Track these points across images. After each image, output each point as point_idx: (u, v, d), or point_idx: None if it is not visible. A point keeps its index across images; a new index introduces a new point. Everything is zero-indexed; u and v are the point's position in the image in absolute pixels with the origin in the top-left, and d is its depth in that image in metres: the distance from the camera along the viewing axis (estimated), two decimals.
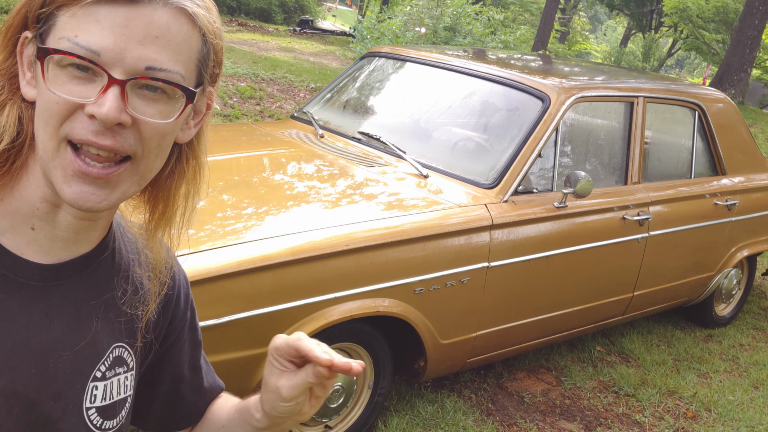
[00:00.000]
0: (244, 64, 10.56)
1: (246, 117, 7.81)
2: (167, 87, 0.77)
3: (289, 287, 2.37)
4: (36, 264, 0.82)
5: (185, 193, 0.88)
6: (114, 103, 0.73)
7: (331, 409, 2.73)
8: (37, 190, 0.81)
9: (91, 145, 0.75)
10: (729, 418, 3.55)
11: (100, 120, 0.73)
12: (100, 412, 0.89)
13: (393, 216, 2.75)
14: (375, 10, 16.27)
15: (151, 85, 0.76)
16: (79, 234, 0.84)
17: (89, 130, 0.74)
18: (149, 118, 0.76)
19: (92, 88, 0.74)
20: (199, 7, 0.79)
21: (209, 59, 0.82)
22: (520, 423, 3.23)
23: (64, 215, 0.82)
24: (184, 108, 0.79)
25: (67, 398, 0.85)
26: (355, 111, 3.95)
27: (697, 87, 4.40)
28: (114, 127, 0.75)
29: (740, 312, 4.87)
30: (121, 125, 0.75)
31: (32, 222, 0.82)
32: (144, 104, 0.76)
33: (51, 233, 0.82)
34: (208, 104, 0.87)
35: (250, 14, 23.77)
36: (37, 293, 0.82)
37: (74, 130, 0.75)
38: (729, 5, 21.85)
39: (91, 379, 0.88)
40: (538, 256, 3.09)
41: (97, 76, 0.74)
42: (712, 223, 4.07)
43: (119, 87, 0.74)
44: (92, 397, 0.88)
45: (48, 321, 0.83)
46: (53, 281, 0.83)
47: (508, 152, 3.13)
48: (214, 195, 2.74)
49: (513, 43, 11.28)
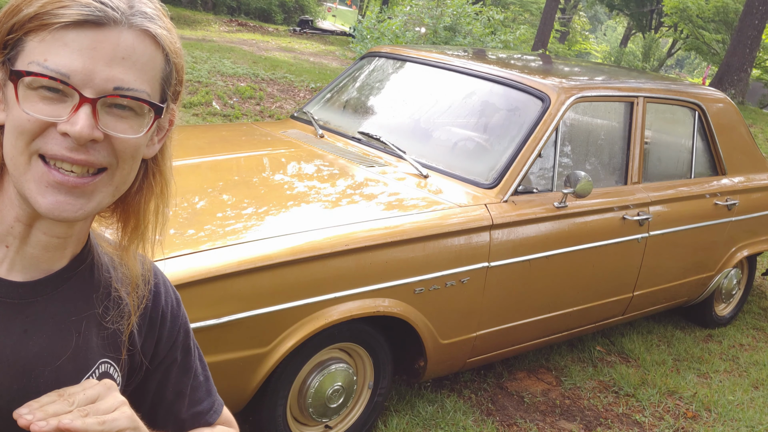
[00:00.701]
0: (244, 64, 10.56)
1: (246, 117, 7.81)
2: (135, 104, 0.80)
3: (289, 287, 2.37)
4: (11, 282, 0.84)
5: (155, 208, 0.91)
6: (86, 121, 0.76)
7: (331, 409, 2.73)
8: (11, 211, 0.83)
9: (65, 161, 0.78)
10: (729, 418, 3.55)
11: (74, 137, 0.76)
12: None
13: (393, 216, 2.75)
14: (375, 10, 16.27)
15: (119, 103, 0.79)
16: (49, 251, 0.86)
17: (63, 147, 0.77)
18: (120, 134, 0.80)
19: (63, 108, 0.77)
20: (161, 29, 0.82)
21: (172, 77, 0.86)
22: (520, 423, 3.23)
23: (36, 233, 0.84)
24: (153, 122, 0.83)
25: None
26: (355, 111, 3.95)
27: (697, 87, 4.40)
28: (87, 144, 0.78)
29: (740, 312, 4.87)
30: (94, 141, 0.78)
31: (7, 241, 0.84)
32: (114, 121, 0.80)
33: (23, 250, 0.85)
34: (170, 120, 0.91)
35: (250, 14, 23.76)
36: (14, 310, 0.84)
37: (47, 146, 0.78)
38: (729, 5, 21.84)
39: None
40: (538, 256, 3.09)
41: (67, 97, 0.77)
42: (712, 223, 4.07)
43: (90, 105, 0.77)
44: None
45: (27, 338, 0.84)
46: (30, 298, 0.85)
47: (508, 152, 3.13)
48: (214, 195, 2.74)
49: (513, 43, 11.27)
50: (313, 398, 2.65)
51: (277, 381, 2.52)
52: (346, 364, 2.73)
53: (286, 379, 2.56)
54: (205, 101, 8.02)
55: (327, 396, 2.68)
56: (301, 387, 2.65)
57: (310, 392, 2.64)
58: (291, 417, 2.68)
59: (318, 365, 2.66)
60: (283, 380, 2.55)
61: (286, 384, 2.57)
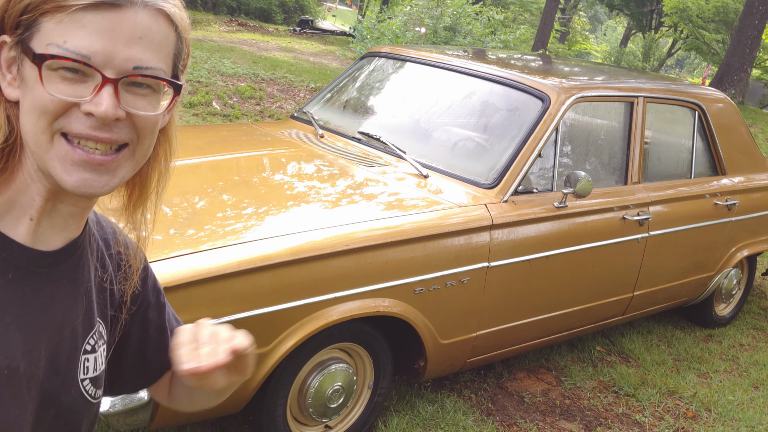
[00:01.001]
0: (244, 64, 10.56)
1: (246, 117, 7.81)
2: (152, 82, 0.83)
3: (289, 287, 2.37)
4: (40, 251, 0.87)
5: (158, 174, 0.95)
6: (110, 101, 0.79)
7: (331, 409, 2.73)
8: (32, 185, 0.85)
9: (90, 139, 0.80)
10: (729, 418, 3.55)
11: (99, 117, 0.79)
12: (92, 382, 0.95)
13: (393, 216, 2.75)
14: (375, 10, 16.27)
15: (137, 81, 0.82)
16: (69, 221, 0.90)
17: (87, 126, 0.80)
18: (141, 111, 0.83)
19: (84, 88, 0.79)
20: (173, 6, 0.85)
21: (183, 53, 0.88)
22: (520, 423, 3.23)
23: (61, 206, 0.87)
24: (173, 99, 0.87)
25: (64, 372, 0.91)
26: (355, 111, 3.95)
27: (697, 87, 4.40)
28: (110, 122, 0.80)
29: (740, 312, 4.87)
30: (117, 120, 0.81)
31: (30, 213, 0.86)
32: (134, 99, 0.82)
33: (47, 223, 0.88)
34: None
35: (250, 14, 23.77)
36: (43, 279, 0.87)
37: (71, 125, 0.80)
38: (729, 5, 21.85)
39: (82, 352, 0.94)
40: (538, 256, 3.09)
41: (88, 77, 0.79)
42: (712, 223, 4.07)
43: (112, 85, 0.79)
44: (85, 369, 0.94)
45: (53, 304, 0.89)
46: (55, 265, 0.89)
47: (508, 152, 3.13)
48: (214, 195, 2.74)
49: (513, 43, 11.27)
50: (313, 398, 2.65)
51: (277, 381, 2.52)
52: (346, 364, 2.73)
53: (286, 379, 2.56)
54: (205, 101, 8.02)
55: (327, 396, 2.68)
56: (301, 387, 2.65)
57: (310, 392, 2.64)
58: (291, 417, 2.68)
59: (318, 365, 2.66)
60: (283, 380, 2.55)
61: (286, 384, 2.57)
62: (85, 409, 0.95)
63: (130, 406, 2.16)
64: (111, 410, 2.14)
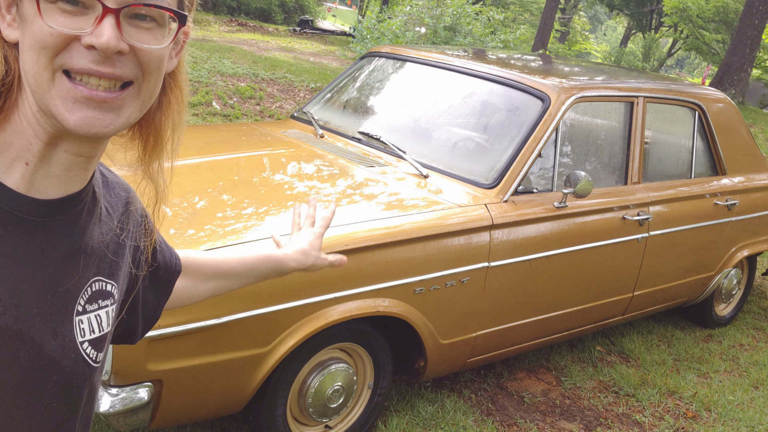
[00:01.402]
0: (244, 64, 10.56)
1: (246, 117, 7.81)
2: (156, 13, 0.78)
3: (289, 287, 2.37)
4: (32, 199, 0.82)
5: (172, 123, 0.91)
6: (112, 32, 0.75)
7: (331, 409, 2.72)
8: (29, 128, 0.81)
9: (93, 74, 0.76)
10: (729, 418, 3.55)
11: (100, 49, 0.75)
12: (92, 344, 0.91)
13: (393, 216, 2.75)
14: (375, 10, 16.27)
15: (141, 13, 0.78)
16: (71, 171, 0.85)
17: (89, 60, 0.76)
18: (145, 45, 0.78)
19: (85, 20, 0.75)
20: None
21: None
22: (520, 423, 3.23)
23: (59, 152, 0.82)
24: (177, 31, 0.82)
25: (62, 334, 0.86)
26: (355, 111, 3.95)
27: (697, 87, 4.40)
28: (113, 56, 0.76)
29: (740, 312, 4.87)
30: (120, 53, 0.76)
31: (26, 157, 0.82)
32: (137, 32, 0.78)
33: (45, 170, 0.83)
34: (185, 32, 0.89)
35: (250, 14, 23.77)
36: (34, 228, 0.82)
37: (72, 60, 0.76)
38: (729, 5, 21.84)
39: (75, 313, 0.89)
40: (538, 256, 3.09)
41: (88, 9, 0.75)
42: (712, 223, 4.07)
43: (114, 16, 0.75)
44: (81, 331, 0.89)
45: (44, 257, 0.83)
46: (49, 216, 0.84)
47: (508, 152, 3.13)
48: (214, 195, 2.74)
49: (513, 43, 11.27)
50: (313, 398, 2.65)
51: (277, 381, 2.52)
52: (346, 364, 2.73)
53: (286, 379, 2.56)
54: (205, 101, 8.02)
55: (327, 396, 2.68)
56: (301, 387, 2.65)
57: (310, 392, 2.64)
58: (291, 417, 2.68)
59: (318, 365, 2.66)
60: (283, 380, 2.55)
61: (286, 384, 2.57)
62: (87, 375, 0.91)
63: (130, 406, 2.16)
64: (111, 410, 2.13)
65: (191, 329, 2.18)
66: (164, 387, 2.22)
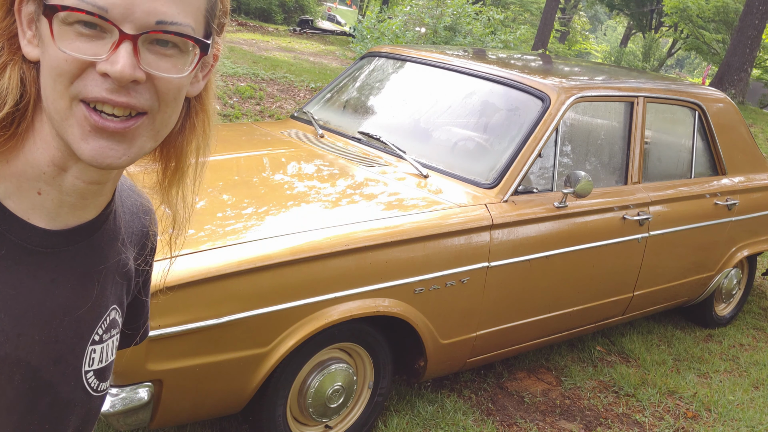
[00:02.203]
0: (244, 64, 10.56)
1: (246, 117, 7.81)
2: (179, 40, 0.74)
3: (289, 287, 2.37)
4: (44, 230, 0.79)
5: (196, 148, 0.87)
6: (127, 60, 0.71)
7: (331, 409, 2.73)
8: (45, 153, 0.78)
9: (107, 102, 0.72)
10: (729, 418, 3.55)
11: (114, 78, 0.71)
12: (97, 374, 0.89)
13: (393, 216, 2.75)
14: (375, 10, 16.28)
15: (162, 39, 0.73)
16: (86, 199, 0.82)
17: (103, 88, 0.72)
18: (163, 73, 0.74)
19: (101, 45, 0.71)
20: None
21: (216, 8, 0.80)
22: (520, 423, 3.23)
23: (72, 179, 0.79)
24: (198, 60, 0.78)
25: (66, 362, 0.84)
26: (355, 111, 3.95)
27: (697, 87, 4.40)
28: (129, 84, 0.73)
29: (740, 312, 4.87)
30: (136, 82, 0.73)
31: (39, 186, 0.79)
32: (156, 59, 0.74)
33: (58, 198, 0.80)
34: (215, 55, 0.85)
35: (250, 14, 23.78)
36: (45, 259, 0.80)
37: (87, 89, 0.72)
38: (729, 5, 21.84)
39: (90, 342, 0.87)
40: (538, 256, 3.09)
41: (106, 33, 0.71)
42: (712, 223, 4.06)
43: (131, 43, 0.71)
44: (90, 361, 0.87)
45: (54, 287, 0.81)
46: (61, 247, 0.81)
47: (508, 152, 3.13)
48: (214, 195, 2.74)
49: (513, 43, 11.27)
50: (313, 398, 2.65)
51: (277, 381, 2.52)
52: (346, 364, 2.73)
53: (286, 379, 2.56)
54: None
55: (327, 396, 2.68)
56: (301, 387, 2.65)
57: (310, 392, 2.64)
58: (291, 417, 2.68)
59: (318, 365, 2.66)
60: (283, 380, 2.55)
61: (286, 384, 2.57)
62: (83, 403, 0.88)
63: (130, 406, 2.17)
64: (111, 410, 2.14)
65: (191, 329, 2.18)
66: (164, 387, 2.22)
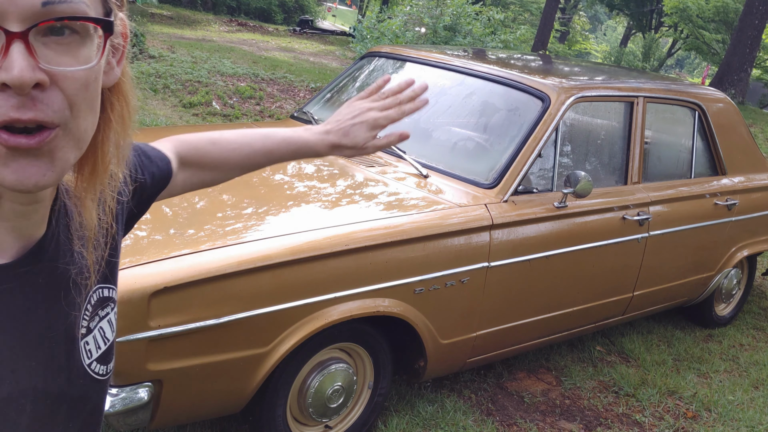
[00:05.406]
0: (244, 64, 10.56)
1: (246, 117, 7.81)
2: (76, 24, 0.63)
3: (289, 287, 2.37)
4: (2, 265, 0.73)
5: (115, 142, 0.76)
6: (23, 62, 0.60)
7: (331, 409, 2.73)
8: None
9: (15, 122, 0.62)
10: (729, 418, 3.55)
11: (14, 86, 0.60)
12: (100, 360, 0.87)
13: (393, 216, 2.75)
14: (375, 10, 16.28)
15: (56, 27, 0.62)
16: (29, 218, 0.74)
17: (8, 106, 0.61)
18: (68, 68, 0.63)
19: None
20: None
21: None
22: (520, 423, 3.23)
23: (8, 204, 0.72)
24: (105, 43, 0.67)
25: (68, 368, 0.82)
26: None
27: (697, 87, 4.40)
28: (33, 93, 0.62)
29: (740, 312, 4.87)
30: (40, 86, 0.62)
31: None
32: (56, 55, 0.63)
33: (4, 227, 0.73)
34: (123, 34, 0.75)
35: (250, 14, 23.78)
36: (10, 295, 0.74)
37: None
38: (729, 5, 21.85)
39: (80, 338, 0.83)
40: (538, 256, 3.09)
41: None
42: (712, 223, 4.06)
43: (22, 41, 0.60)
44: (88, 353, 0.84)
45: (31, 313, 0.76)
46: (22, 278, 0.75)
47: (508, 152, 3.13)
48: (214, 195, 2.74)
49: (513, 43, 11.28)
50: (313, 398, 2.65)
51: (277, 381, 2.52)
52: (346, 364, 2.73)
53: (286, 379, 2.56)
54: (205, 101, 8.02)
55: (327, 396, 2.68)
56: (301, 387, 2.65)
57: (310, 392, 2.64)
58: (291, 417, 2.68)
59: (318, 365, 2.66)
60: (283, 380, 2.55)
61: (286, 384, 2.57)
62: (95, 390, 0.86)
63: (130, 406, 2.16)
64: (111, 410, 2.13)
65: (191, 329, 2.19)
66: (164, 387, 2.22)
